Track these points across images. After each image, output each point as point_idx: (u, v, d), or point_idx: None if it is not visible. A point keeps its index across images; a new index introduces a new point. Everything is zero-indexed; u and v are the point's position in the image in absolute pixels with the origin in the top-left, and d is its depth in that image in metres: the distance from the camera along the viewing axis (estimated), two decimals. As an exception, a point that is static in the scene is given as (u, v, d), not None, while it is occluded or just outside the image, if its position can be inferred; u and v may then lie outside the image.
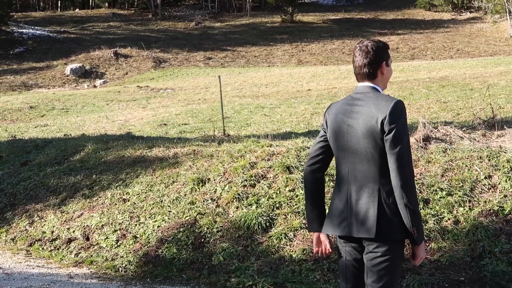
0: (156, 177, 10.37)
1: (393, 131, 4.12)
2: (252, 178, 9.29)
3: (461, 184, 7.99)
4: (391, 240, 4.23)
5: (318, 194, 4.62)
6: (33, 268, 8.63)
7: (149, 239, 8.78)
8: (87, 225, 9.72)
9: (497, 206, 7.54)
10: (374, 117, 4.18)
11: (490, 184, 7.93)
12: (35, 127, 21.46)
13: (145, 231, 9.02)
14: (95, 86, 40.94)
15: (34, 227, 10.36)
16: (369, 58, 4.37)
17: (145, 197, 9.89)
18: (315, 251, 4.73)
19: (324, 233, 4.61)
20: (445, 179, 8.15)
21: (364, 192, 4.28)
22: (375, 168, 4.24)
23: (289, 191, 8.75)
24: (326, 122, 4.53)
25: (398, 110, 4.17)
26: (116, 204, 10.03)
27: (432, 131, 9.53)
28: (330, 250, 4.69)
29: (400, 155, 4.13)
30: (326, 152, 4.54)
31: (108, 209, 9.95)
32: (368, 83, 4.40)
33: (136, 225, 9.27)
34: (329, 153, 4.54)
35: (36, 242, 9.83)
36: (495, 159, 8.32)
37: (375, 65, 4.38)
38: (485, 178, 8.03)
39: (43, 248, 9.60)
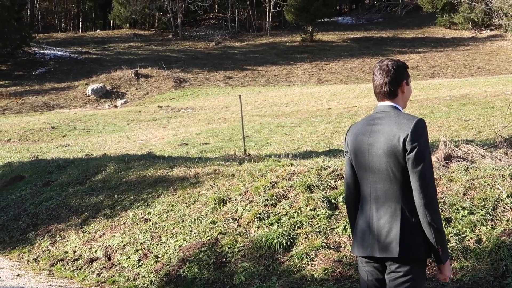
0: (178, 197, 10.40)
1: (415, 150, 4.12)
2: (273, 198, 9.29)
3: (483, 203, 7.95)
4: (415, 259, 4.22)
5: None
6: (55, 288, 8.66)
7: (170, 258, 8.79)
8: (109, 245, 9.76)
9: (520, 225, 7.49)
10: (396, 136, 4.18)
11: (512, 203, 7.88)
12: (57, 147, 21.63)
13: (166, 250, 9.04)
14: (116, 106, 41.18)
15: (56, 247, 10.41)
16: (390, 77, 4.39)
17: (166, 217, 9.91)
18: None
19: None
20: (467, 198, 8.11)
21: (387, 212, 4.26)
22: (397, 187, 4.23)
23: (310, 210, 8.73)
24: (347, 144, 4.54)
25: (420, 129, 4.18)
26: (137, 224, 10.07)
27: (453, 149, 9.49)
28: None
29: (422, 173, 4.12)
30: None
31: (130, 229, 9.99)
32: (388, 102, 4.41)
33: (157, 244, 9.29)
34: None
35: (58, 262, 9.87)
36: (518, 177, 8.27)
37: (395, 84, 4.40)
38: (508, 196, 7.98)
39: (65, 268, 9.63)
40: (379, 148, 4.26)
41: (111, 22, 79.71)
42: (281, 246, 8.23)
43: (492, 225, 7.61)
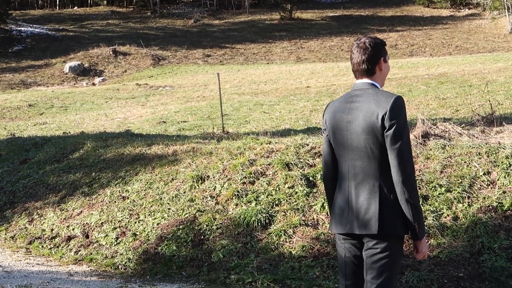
0: (156, 175, 10.38)
1: (394, 127, 4.13)
2: (251, 175, 9.30)
3: (460, 180, 8.00)
4: (393, 236, 4.24)
5: None
6: (32, 266, 8.63)
7: (148, 236, 8.79)
8: (86, 223, 9.73)
9: (496, 202, 7.55)
10: (375, 113, 4.19)
11: (489, 180, 7.94)
12: (34, 125, 21.46)
13: (144, 228, 9.03)
14: (94, 84, 40.89)
15: (33, 225, 10.36)
16: (367, 55, 4.38)
17: (144, 195, 9.89)
18: None
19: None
20: (444, 176, 8.15)
21: (365, 189, 4.27)
22: (375, 164, 4.24)
23: (289, 188, 8.75)
24: (325, 122, 4.53)
25: (398, 106, 4.18)
26: (115, 201, 10.04)
27: (431, 127, 9.53)
28: None
29: (400, 150, 4.14)
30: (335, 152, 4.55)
31: (108, 207, 9.96)
32: (366, 80, 4.41)
33: (135, 222, 9.28)
34: None
35: (35, 240, 9.84)
36: (494, 155, 8.32)
37: (373, 61, 4.39)
38: (484, 174, 8.04)
39: (42, 246, 9.61)
40: (357, 126, 4.26)
41: (89, -1, 78.99)
42: (259, 223, 8.26)
43: (468, 202, 7.67)
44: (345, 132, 4.33)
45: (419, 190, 7.82)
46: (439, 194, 7.85)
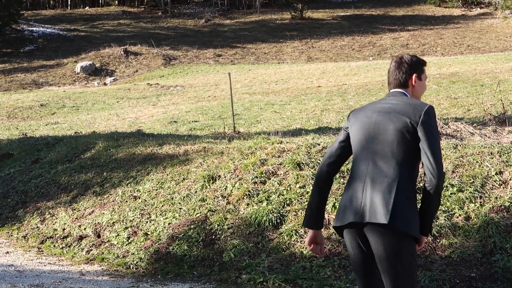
0: (167, 174, 10.39)
1: (429, 130, 4.27)
2: (262, 175, 9.29)
3: (472, 180, 7.97)
4: (407, 235, 4.23)
5: (327, 192, 4.69)
6: (44, 265, 8.66)
7: (160, 236, 8.80)
8: (98, 222, 9.75)
9: (508, 202, 7.52)
10: (410, 115, 4.31)
11: (501, 180, 7.91)
12: (46, 125, 21.55)
13: (156, 228, 9.04)
14: (105, 84, 40.99)
15: (45, 225, 10.40)
16: (402, 69, 4.59)
17: (155, 194, 9.91)
18: (310, 248, 4.74)
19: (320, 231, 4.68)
20: (456, 175, 8.13)
21: (381, 187, 4.27)
22: (398, 165, 4.29)
23: (300, 187, 8.74)
24: (349, 119, 4.62)
25: (432, 113, 4.34)
26: (127, 201, 10.06)
27: (442, 127, 9.51)
28: (323, 254, 4.83)
29: (435, 153, 4.25)
30: (345, 151, 4.61)
31: (119, 206, 9.98)
32: (400, 89, 4.59)
33: (147, 222, 9.29)
34: (347, 152, 4.61)
35: (47, 240, 9.86)
36: (506, 155, 8.29)
37: (406, 76, 4.58)
38: (496, 174, 8.00)
39: (54, 246, 9.63)
40: (389, 125, 4.36)
41: (100, -1, 79.20)
42: (270, 223, 8.25)
43: (480, 202, 7.64)
44: (374, 131, 4.40)
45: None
46: (451, 194, 7.82)
